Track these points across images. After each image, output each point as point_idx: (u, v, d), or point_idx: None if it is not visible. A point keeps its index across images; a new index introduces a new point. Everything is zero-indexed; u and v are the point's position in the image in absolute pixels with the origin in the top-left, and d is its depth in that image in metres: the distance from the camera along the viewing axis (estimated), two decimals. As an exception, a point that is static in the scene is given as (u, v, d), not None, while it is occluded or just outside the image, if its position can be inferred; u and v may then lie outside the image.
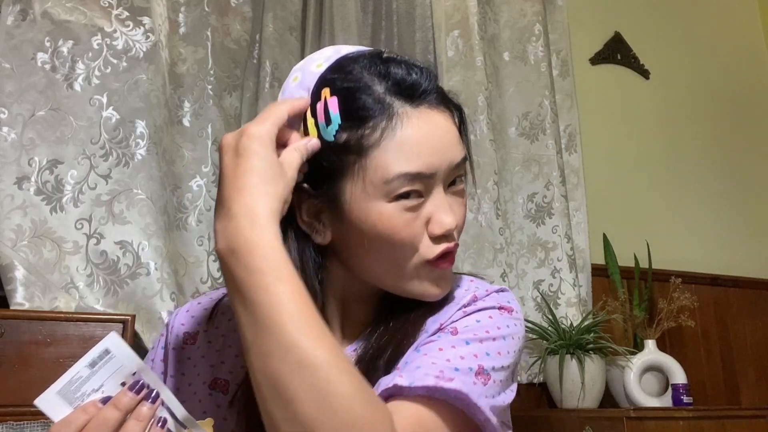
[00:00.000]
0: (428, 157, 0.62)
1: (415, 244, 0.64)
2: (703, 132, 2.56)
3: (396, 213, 0.62)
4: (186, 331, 0.77)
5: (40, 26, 1.46)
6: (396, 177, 0.61)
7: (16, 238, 1.35)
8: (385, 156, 0.61)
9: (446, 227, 0.64)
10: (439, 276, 0.66)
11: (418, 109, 0.63)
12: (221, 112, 1.64)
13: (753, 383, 2.30)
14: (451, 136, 0.65)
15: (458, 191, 0.67)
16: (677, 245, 2.34)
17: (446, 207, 0.64)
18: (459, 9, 2.06)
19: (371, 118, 0.62)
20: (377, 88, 0.63)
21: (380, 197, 0.62)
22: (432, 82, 0.65)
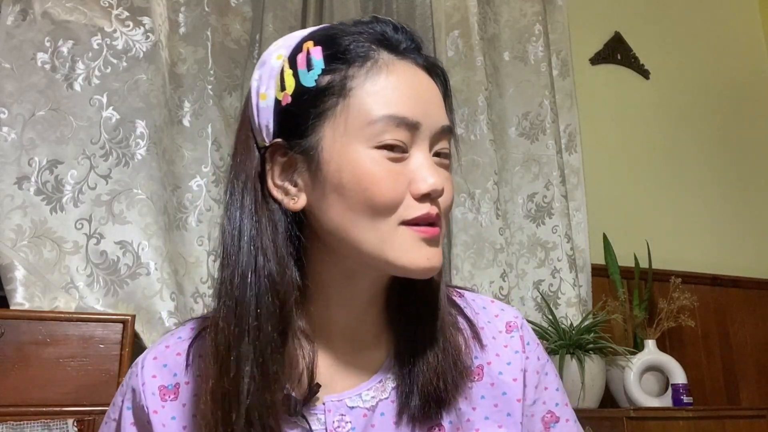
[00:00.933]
0: (413, 105, 0.59)
1: (396, 200, 0.58)
2: (703, 132, 2.56)
3: (379, 160, 0.58)
4: (162, 385, 0.64)
5: (40, 26, 1.46)
6: (380, 118, 0.58)
7: (16, 238, 1.35)
8: (369, 97, 0.58)
9: (431, 185, 0.58)
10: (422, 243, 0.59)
11: (403, 62, 0.61)
12: (221, 112, 1.64)
13: (753, 383, 2.30)
14: (437, 98, 0.62)
15: (444, 164, 0.62)
16: (677, 245, 2.34)
17: (432, 167, 0.59)
18: (459, 9, 2.06)
19: (356, 59, 0.60)
20: (362, 37, 0.61)
21: (362, 141, 0.58)
22: (417, 44, 0.63)
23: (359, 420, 0.63)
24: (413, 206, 0.58)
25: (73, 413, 1.17)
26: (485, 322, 0.70)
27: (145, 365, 0.66)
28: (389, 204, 0.58)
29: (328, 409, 0.63)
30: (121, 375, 1.23)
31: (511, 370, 0.68)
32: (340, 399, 0.63)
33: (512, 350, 0.69)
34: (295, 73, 0.60)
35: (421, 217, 0.58)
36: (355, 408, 0.63)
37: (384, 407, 0.63)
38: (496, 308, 0.72)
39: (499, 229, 1.91)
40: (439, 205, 0.60)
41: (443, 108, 0.63)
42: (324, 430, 0.62)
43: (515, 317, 0.72)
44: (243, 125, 0.65)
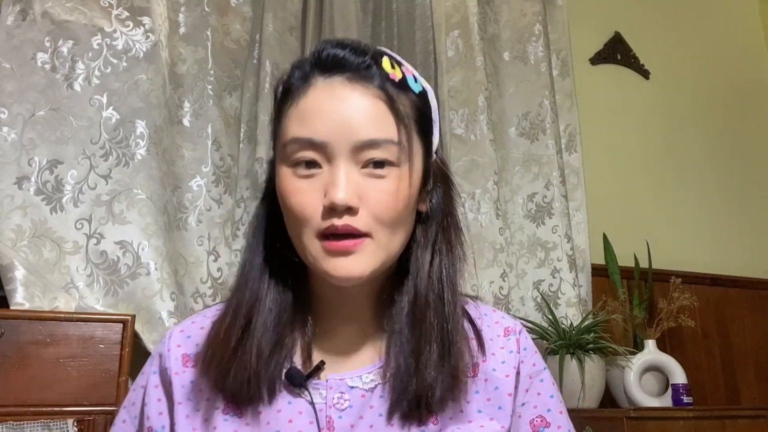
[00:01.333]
0: (321, 125, 0.63)
1: (305, 213, 0.63)
2: (703, 132, 2.56)
3: (290, 177, 0.64)
4: (184, 353, 0.72)
5: (40, 26, 1.46)
6: (290, 140, 0.64)
7: (16, 238, 1.35)
8: (287, 121, 0.65)
9: (331, 200, 0.61)
10: (327, 256, 0.63)
11: (327, 81, 0.65)
12: (221, 112, 1.64)
13: (753, 383, 2.30)
14: (362, 112, 0.63)
15: (376, 174, 0.64)
16: (677, 245, 2.34)
17: (340, 182, 0.62)
18: (459, 9, 2.06)
19: (291, 90, 0.67)
20: (306, 63, 0.68)
21: (282, 161, 0.66)
22: (356, 57, 0.65)
23: (357, 399, 0.68)
24: (322, 220, 0.63)
25: (73, 413, 1.17)
26: (485, 326, 0.75)
27: (173, 336, 0.74)
28: (299, 217, 0.64)
29: (330, 386, 0.69)
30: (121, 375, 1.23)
31: (504, 368, 0.72)
32: (342, 378, 0.69)
33: (507, 351, 0.74)
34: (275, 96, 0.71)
35: (327, 230, 0.63)
36: (355, 388, 0.69)
37: (382, 390, 0.68)
38: (498, 316, 0.78)
39: (499, 229, 1.91)
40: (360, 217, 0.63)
41: (371, 120, 0.64)
42: (324, 404, 0.67)
43: (514, 324, 0.77)
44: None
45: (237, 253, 1.61)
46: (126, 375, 1.24)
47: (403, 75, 0.68)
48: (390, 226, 0.64)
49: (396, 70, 0.67)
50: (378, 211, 0.63)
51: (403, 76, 0.68)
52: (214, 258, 1.57)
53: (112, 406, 1.20)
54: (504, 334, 0.75)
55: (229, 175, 1.63)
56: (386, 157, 0.64)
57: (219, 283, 1.56)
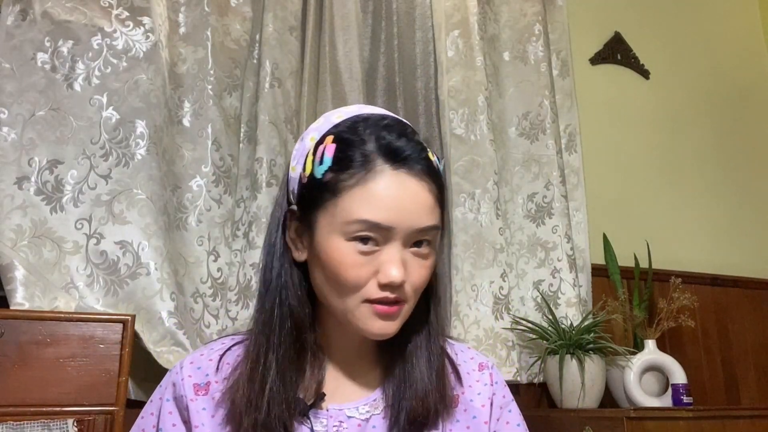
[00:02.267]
0: (390, 212, 0.71)
1: (360, 284, 0.72)
2: (703, 132, 2.56)
3: (348, 251, 0.72)
4: (195, 383, 0.79)
5: (40, 26, 1.46)
6: (356, 221, 0.71)
7: (16, 238, 1.35)
8: (352, 201, 0.72)
9: (390, 278, 0.71)
10: (378, 317, 0.73)
11: (396, 171, 0.72)
12: (221, 112, 1.64)
13: (753, 383, 2.30)
14: (422, 203, 0.73)
15: (421, 253, 0.74)
16: (677, 245, 2.34)
17: (397, 262, 0.71)
18: (459, 9, 2.06)
19: (353, 168, 0.72)
20: (368, 147, 0.73)
21: (340, 234, 0.72)
22: (418, 153, 0.74)
23: (354, 428, 0.77)
24: (375, 290, 0.72)
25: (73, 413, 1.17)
26: (462, 361, 0.85)
27: (184, 366, 0.81)
28: (352, 286, 0.72)
29: (330, 415, 0.77)
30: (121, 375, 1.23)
31: (480, 399, 0.82)
32: (341, 409, 0.78)
33: (482, 383, 0.84)
34: (313, 161, 0.75)
35: (380, 300, 0.72)
36: (352, 418, 0.77)
37: (376, 421, 0.78)
38: (472, 353, 0.88)
39: (499, 229, 1.91)
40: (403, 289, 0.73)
41: (430, 212, 0.73)
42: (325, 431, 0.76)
43: (487, 360, 0.88)
44: (283, 183, 0.83)
45: (237, 253, 1.61)
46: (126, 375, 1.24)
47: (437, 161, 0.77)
48: (417, 295, 0.76)
49: (434, 158, 0.76)
50: (417, 284, 0.74)
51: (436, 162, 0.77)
52: (214, 258, 1.57)
53: (112, 406, 1.20)
54: (478, 369, 0.85)
55: (229, 175, 1.63)
56: (430, 239, 0.74)
57: (219, 283, 1.56)
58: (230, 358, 0.80)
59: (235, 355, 0.80)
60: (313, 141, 0.77)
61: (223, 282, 1.57)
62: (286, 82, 1.74)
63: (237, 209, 1.66)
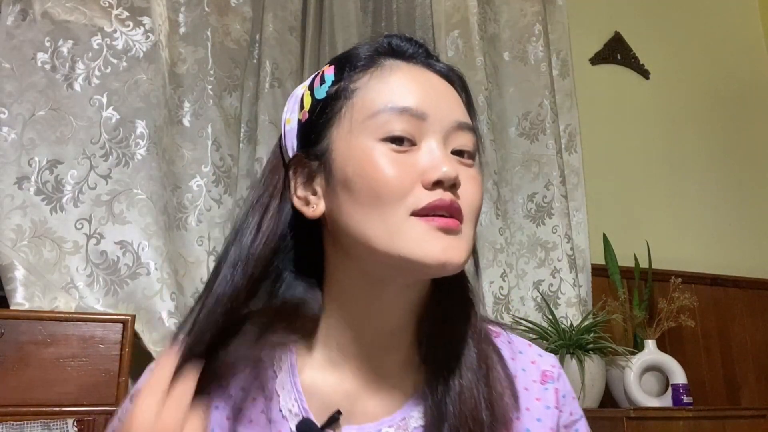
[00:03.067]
0: (420, 97, 0.58)
1: (401, 188, 0.55)
2: (703, 132, 2.56)
3: (383, 150, 0.56)
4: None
5: (40, 26, 1.46)
6: (383, 109, 0.57)
7: (16, 238, 1.35)
8: (372, 93, 0.59)
9: (442, 173, 0.55)
10: (437, 233, 0.55)
11: (411, 64, 0.61)
12: (221, 112, 1.64)
13: (753, 383, 2.30)
14: (451, 96, 0.60)
15: (465, 163, 0.59)
16: (677, 245, 2.34)
17: (444, 156, 0.57)
18: (459, 9, 2.06)
19: (362, 66, 0.61)
20: (374, 48, 0.63)
21: (367, 134, 0.57)
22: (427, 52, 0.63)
23: None
24: (423, 195, 0.55)
25: (73, 413, 1.17)
26: (520, 370, 0.66)
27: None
28: (394, 192, 0.55)
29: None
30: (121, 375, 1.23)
31: (540, 427, 0.63)
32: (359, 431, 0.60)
33: (544, 405, 0.64)
34: (311, 93, 0.63)
35: (433, 204, 0.55)
36: None
37: None
38: (534, 353, 0.69)
39: (499, 229, 1.91)
40: (458, 197, 0.56)
41: (460, 105, 0.61)
42: None
43: (552, 366, 0.68)
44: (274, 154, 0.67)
45: (237, 253, 1.61)
46: (126, 375, 1.24)
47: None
48: (474, 222, 0.59)
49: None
50: (470, 199, 0.58)
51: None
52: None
53: (112, 406, 1.20)
54: (541, 381, 0.66)
55: (229, 175, 1.63)
56: (470, 148, 0.60)
57: (219, 283, 1.56)
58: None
59: None
60: (304, 88, 0.66)
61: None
62: (286, 82, 1.74)
63: (237, 209, 1.66)
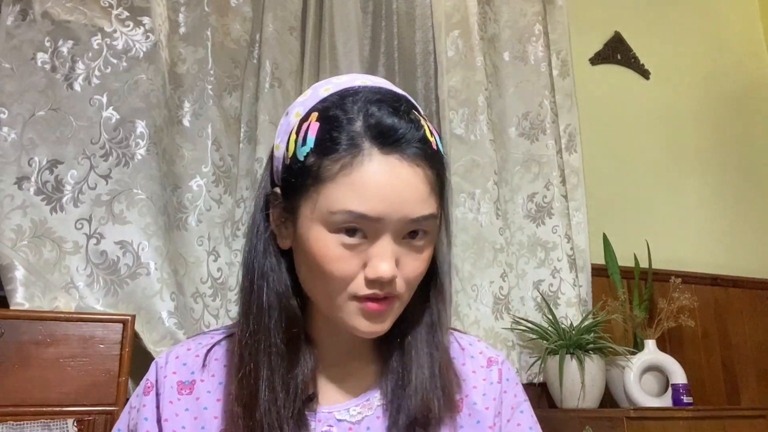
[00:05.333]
0: (378, 202, 0.63)
1: (346, 279, 0.65)
2: (703, 132, 2.56)
3: (332, 244, 0.65)
4: (179, 380, 0.74)
5: (40, 26, 1.46)
6: (339, 212, 0.64)
7: (16, 238, 1.35)
8: (336, 191, 0.64)
9: (378, 274, 0.64)
10: (367, 315, 0.67)
11: (386, 157, 0.64)
12: (221, 112, 1.64)
13: (753, 383, 2.30)
14: (415, 191, 0.65)
15: (415, 245, 0.67)
16: (677, 245, 2.34)
17: (387, 256, 0.64)
18: (459, 9, 2.06)
19: (337, 152, 0.64)
20: (356, 126, 0.65)
21: (323, 224, 0.65)
22: (412, 133, 0.65)
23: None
24: (362, 286, 0.65)
25: (73, 413, 1.17)
26: (469, 357, 0.79)
27: (168, 361, 0.75)
28: (339, 282, 0.66)
29: (318, 418, 0.71)
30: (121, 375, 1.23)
31: (485, 400, 0.75)
32: (330, 411, 0.72)
33: (488, 382, 0.77)
34: (296, 141, 0.67)
35: (368, 297, 0.66)
36: (342, 421, 0.71)
37: (370, 422, 0.71)
38: (481, 346, 0.81)
39: (499, 229, 1.91)
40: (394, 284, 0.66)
41: (422, 199, 0.65)
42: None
43: (497, 356, 0.80)
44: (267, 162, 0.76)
45: (237, 253, 1.61)
46: (126, 375, 1.24)
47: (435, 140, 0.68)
48: (412, 289, 0.69)
49: (433, 137, 0.68)
50: (410, 278, 0.67)
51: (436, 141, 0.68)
52: (214, 258, 1.57)
53: (112, 406, 1.20)
54: (487, 365, 0.78)
55: (229, 175, 1.63)
56: (425, 229, 0.67)
57: (219, 283, 1.56)
58: (219, 353, 0.75)
59: (224, 350, 0.75)
60: (297, 117, 0.70)
61: (223, 282, 1.57)
62: (286, 82, 1.74)
63: (237, 209, 1.66)
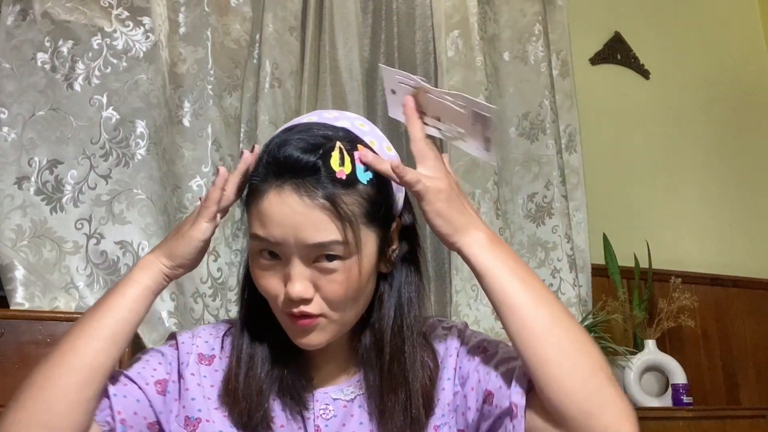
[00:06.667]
0: (273, 228, 0.70)
1: (275, 294, 0.72)
2: (703, 132, 2.56)
3: (256, 262, 0.73)
4: (201, 352, 0.81)
5: (40, 26, 1.46)
6: (252, 236, 0.72)
7: (16, 238, 1.35)
8: (251, 218, 0.73)
9: (289, 294, 0.70)
10: (297, 328, 0.73)
11: (280, 188, 0.70)
12: (221, 112, 1.64)
13: (753, 383, 2.30)
14: (307, 219, 0.69)
15: (326, 268, 0.70)
16: (677, 245, 2.34)
17: (295, 277, 0.70)
18: (459, 9, 2.06)
19: (253, 182, 0.73)
20: (264, 158, 0.73)
21: (252, 248, 0.73)
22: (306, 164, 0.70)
23: (340, 410, 0.78)
24: (284, 303, 0.72)
25: (73, 413, 1.17)
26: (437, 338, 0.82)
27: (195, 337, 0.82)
28: (269, 295, 0.73)
29: (316, 399, 0.79)
30: (121, 375, 1.23)
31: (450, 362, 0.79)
32: (326, 392, 0.79)
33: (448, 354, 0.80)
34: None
35: (289, 314, 0.72)
36: (338, 400, 0.79)
37: (362, 401, 0.78)
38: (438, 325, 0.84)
39: (499, 229, 1.91)
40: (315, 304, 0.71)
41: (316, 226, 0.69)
42: (312, 415, 0.78)
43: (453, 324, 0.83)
44: None
45: (237, 253, 1.61)
46: (126, 375, 1.24)
47: (352, 168, 0.71)
48: (341, 308, 0.73)
49: (345, 165, 0.71)
50: (330, 298, 0.71)
51: (352, 169, 0.71)
52: (214, 258, 1.56)
53: (112, 406, 1.20)
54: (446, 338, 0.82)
55: (229, 175, 1.63)
56: (334, 253, 0.70)
57: (219, 283, 1.56)
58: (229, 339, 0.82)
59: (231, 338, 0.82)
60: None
61: (223, 282, 1.57)
62: (286, 82, 1.74)
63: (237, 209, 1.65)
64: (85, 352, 0.73)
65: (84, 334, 0.74)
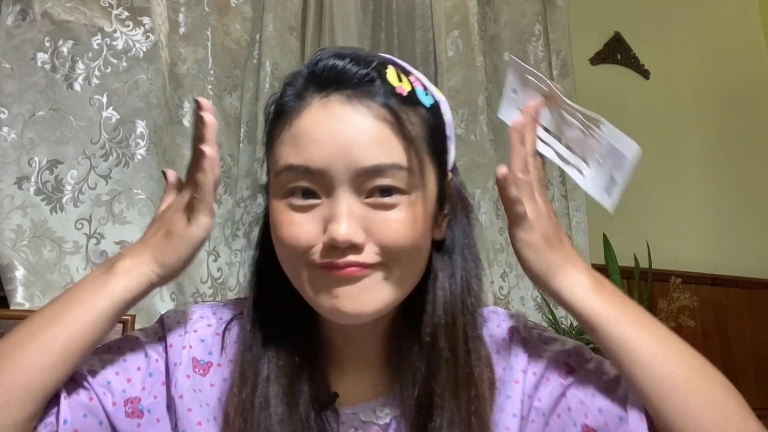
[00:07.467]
0: (318, 151, 0.55)
1: (300, 248, 0.56)
2: (703, 132, 2.56)
3: (281, 209, 0.57)
4: (194, 356, 0.64)
5: (40, 26, 1.46)
6: (282, 169, 0.57)
7: (16, 238, 1.35)
8: (280, 147, 0.57)
9: (332, 236, 0.54)
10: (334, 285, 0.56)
11: (325, 100, 0.56)
12: (221, 112, 1.64)
13: (753, 383, 2.30)
14: (365, 135, 0.55)
15: (383, 204, 0.56)
16: (677, 245, 2.34)
17: (342, 216, 0.54)
18: (459, 9, 2.06)
19: (285, 112, 0.59)
20: (300, 80, 0.59)
21: (275, 191, 0.58)
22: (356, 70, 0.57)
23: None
24: (319, 253, 0.56)
25: (73, 413, 1.17)
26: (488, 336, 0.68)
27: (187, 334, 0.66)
28: (293, 251, 0.57)
29: (342, 421, 0.62)
30: (121, 375, 1.23)
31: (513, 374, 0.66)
32: (354, 412, 0.63)
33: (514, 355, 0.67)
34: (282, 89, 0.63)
35: (325, 265, 0.56)
36: (368, 423, 0.62)
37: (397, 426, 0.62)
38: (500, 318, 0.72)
39: (499, 229, 1.91)
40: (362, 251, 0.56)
41: (373, 144, 0.55)
42: None
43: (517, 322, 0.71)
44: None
45: (237, 253, 1.61)
46: (126, 375, 1.24)
47: (411, 87, 0.59)
48: (405, 259, 0.57)
49: (404, 82, 0.58)
50: (389, 243, 0.56)
51: (411, 88, 0.59)
52: (214, 258, 1.56)
53: (112, 406, 1.20)
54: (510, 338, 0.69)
55: (229, 175, 1.63)
56: (394, 184, 0.56)
57: (219, 283, 1.56)
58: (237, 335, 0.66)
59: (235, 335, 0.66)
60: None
61: (223, 282, 1.57)
62: (286, 82, 1.74)
63: (237, 209, 1.66)
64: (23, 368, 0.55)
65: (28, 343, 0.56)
